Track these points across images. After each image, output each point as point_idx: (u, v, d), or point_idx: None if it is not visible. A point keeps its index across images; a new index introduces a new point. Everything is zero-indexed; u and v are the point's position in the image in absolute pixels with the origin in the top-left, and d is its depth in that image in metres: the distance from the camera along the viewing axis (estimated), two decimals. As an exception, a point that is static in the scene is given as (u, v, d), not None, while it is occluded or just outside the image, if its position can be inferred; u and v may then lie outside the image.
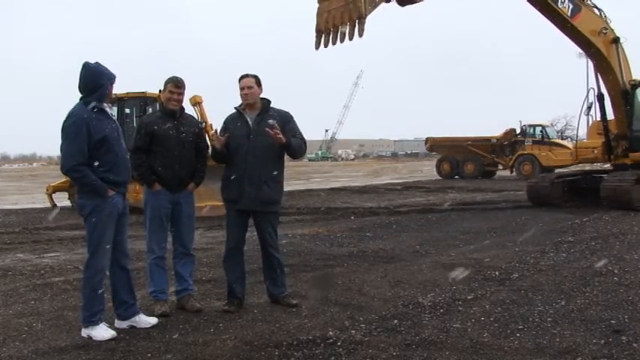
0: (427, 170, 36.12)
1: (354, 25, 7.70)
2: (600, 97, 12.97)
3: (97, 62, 4.28)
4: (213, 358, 3.77)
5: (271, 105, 5.01)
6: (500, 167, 28.39)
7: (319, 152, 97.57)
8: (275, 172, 4.91)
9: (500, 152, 28.18)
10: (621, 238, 8.19)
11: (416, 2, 9.24)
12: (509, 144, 28.04)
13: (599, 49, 12.36)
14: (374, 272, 6.27)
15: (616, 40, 12.48)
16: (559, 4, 11.69)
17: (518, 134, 28.19)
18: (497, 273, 6.09)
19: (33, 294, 5.56)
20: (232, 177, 4.91)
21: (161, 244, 4.90)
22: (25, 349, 3.97)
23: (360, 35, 7.69)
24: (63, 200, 14.82)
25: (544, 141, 26.60)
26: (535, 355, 3.73)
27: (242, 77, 4.95)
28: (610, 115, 13.28)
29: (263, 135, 4.79)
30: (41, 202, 15.71)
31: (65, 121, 4.16)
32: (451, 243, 8.26)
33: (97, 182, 4.13)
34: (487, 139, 28.68)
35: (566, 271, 6.14)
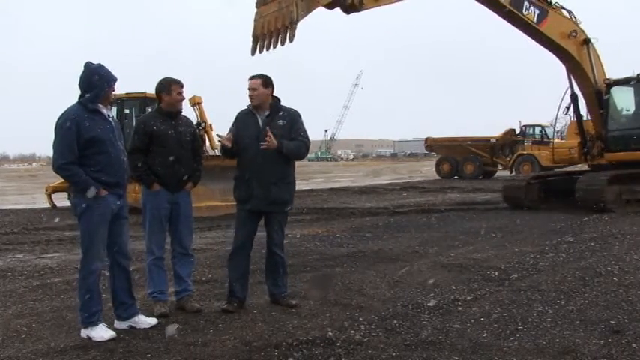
0: (427, 171, 36.10)
1: (286, 30, 7.59)
2: (574, 98, 12.79)
3: (99, 64, 4.28)
4: (212, 359, 3.77)
5: (281, 103, 4.99)
6: (500, 167, 28.40)
7: (318, 152, 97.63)
8: (284, 173, 4.89)
9: (500, 152, 28.18)
10: (620, 239, 8.18)
11: (361, 10, 8.92)
12: (509, 144, 28.05)
13: (570, 53, 12.12)
14: (373, 272, 6.27)
15: (587, 42, 12.21)
16: (524, 10, 11.38)
17: (518, 134, 28.20)
18: (496, 273, 6.09)
19: (32, 294, 5.55)
20: (242, 178, 4.90)
21: (160, 245, 4.91)
22: (24, 349, 3.97)
23: (291, 40, 7.58)
24: (62, 200, 14.82)
25: (543, 141, 26.59)
26: (534, 355, 3.74)
27: (250, 78, 4.94)
28: (587, 115, 13.17)
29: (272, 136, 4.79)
30: (41, 202, 15.71)
31: (57, 120, 4.19)
32: (451, 243, 8.26)
33: (88, 181, 4.12)
34: (486, 140, 28.68)
35: (566, 271, 6.14)
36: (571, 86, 12.71)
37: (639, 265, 6.36)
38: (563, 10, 12.23)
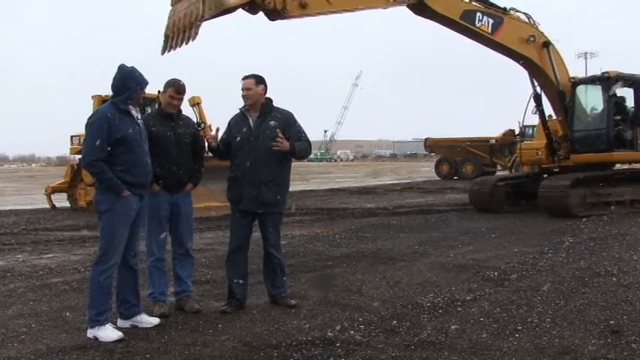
0: (426, 171, 36.13)
1: (191, 28, 7.27)
2: (537, 98, 12.42)
3: (132, 66, 4.38)
4: (212, 359, 3.77)
5: (273, 104, 5.01)
6: (499, 168, 28.40)
7: (318, 153, 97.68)
8: (276, 174, 4.90)
9: (499, 153, 28.18)
10: (620, 239, 8.20)
11: (287, 18, 8.56)
12: (508, 144, 28.04)
13: (530, 58, 11.70)
14: (373, 273, 6.27)
15: (547, 44, 11.80)
16: (476, 22, 10.86)
17: (517, 135, 28.15)
18: (496, 274, 6.09)
19: (31, 295, 5.55)
20: (233, 178, 4.94)
21: (160, 246, 4.90)
22: (23, 349, 3.96)
23: (193, 39, 7.24)
24: (62, 201, 14.81)
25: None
26: (534, 355, 3.74)
27: (242, 79, 4.97)
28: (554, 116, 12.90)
29: (264, 137, 4.82)
30: (40, 202, 15.70)
31: (89, 118, 4.32)
32: (450, 244, 8.26)
33: (114, 180, 4.20)
34: (486, 140, 28.68)
35: (565, 271, 6.15)
36: (533, 87, 12.37)
37: (638, 266, 6.37)
38: (519, 14, 11.78)
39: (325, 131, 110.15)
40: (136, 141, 4.31)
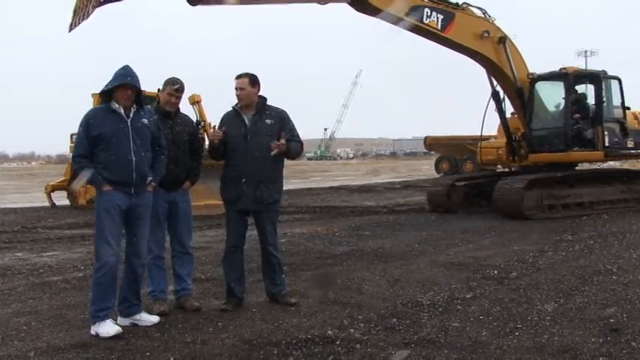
0: (426, 169, 36.12)
1: (90, 3, 7.07)
2: (495, 96, 12.07)
3: (124, 65, 4.38)
4: (212, 357, 3.77)
5: (267, 103, 5.00)
6: (499, 166, 28.35)
7: (318, 151, 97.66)
8: (273, 172, 4.92)
9: (499, 151, 28.12)
10: (620, 237, 8.21)
11: (205, 4, 8.34)
12: (508, 143, 27.97)
13: (485, 55, 11.30)
14: (373, 271, 6.27)
15: (503, 40, 11.38)
16: (424, 19, 10.44)
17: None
18: (495, 272, 6.10)
19: (32, 293, 5.55)
20: (231, 177, 4.91)
21: (159, 244, 4.90)
22: (23, 347, 3.96)
23: (91, 12, 7.04)
24: (62, 199, 14.81)
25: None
26: (534, 353, 3.74)
27: (236, 77, 4.92)
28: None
29: (261, 135, 4.82)
30: (40, 201, 15.70)
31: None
32: (450, 242, 8.26)
33: (93, 175, 4.28)
34: (486, 138, 28.63)
35: (565, 269, 6.15)
36: (492, 85, 12.04)
37: (638, 264, 6.38)
38: (473, 9, 11.29)
39: (325, 129, 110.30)
40: (115, 139, 4.27)
